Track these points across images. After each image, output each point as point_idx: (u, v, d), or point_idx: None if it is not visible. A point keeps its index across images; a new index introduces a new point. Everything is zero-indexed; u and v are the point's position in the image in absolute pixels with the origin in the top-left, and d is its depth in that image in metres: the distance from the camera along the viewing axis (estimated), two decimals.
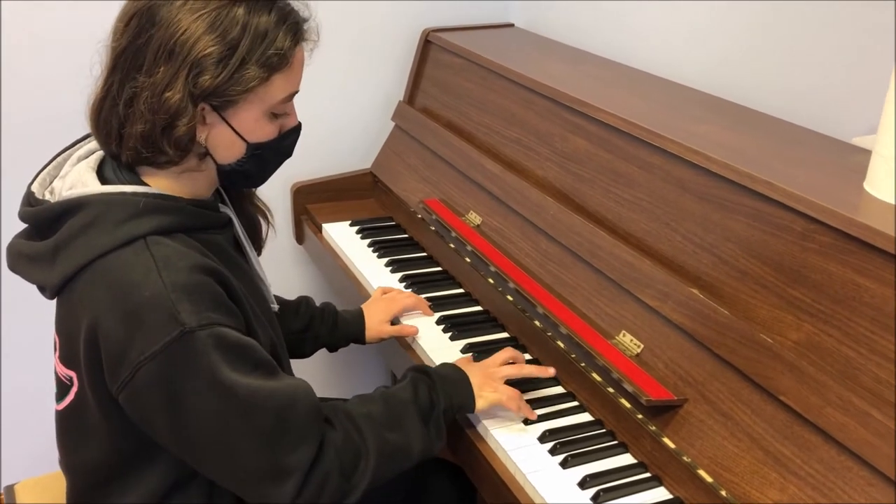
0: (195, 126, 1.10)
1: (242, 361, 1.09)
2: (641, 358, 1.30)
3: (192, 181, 1.17)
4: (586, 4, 2.08)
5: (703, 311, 1.24)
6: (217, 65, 1.07)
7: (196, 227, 1.16)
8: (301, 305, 1.57)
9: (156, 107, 1.07)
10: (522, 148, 1.76)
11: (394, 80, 2.24)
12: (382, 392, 1.24)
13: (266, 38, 1.10)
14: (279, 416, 1.09)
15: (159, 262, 1.07)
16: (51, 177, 1.21)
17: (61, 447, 1.26)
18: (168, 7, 1.07)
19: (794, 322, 1.15)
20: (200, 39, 1.06)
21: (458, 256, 1.74)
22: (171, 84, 1.07)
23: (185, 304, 1.05)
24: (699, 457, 1.17)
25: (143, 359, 1.04)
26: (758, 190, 1.22)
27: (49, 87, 1.93)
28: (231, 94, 1.10)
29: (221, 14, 1.07)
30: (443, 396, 1.25)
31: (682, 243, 1.35)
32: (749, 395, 1.15)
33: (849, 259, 1.10)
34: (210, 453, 1.10)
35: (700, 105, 1.62)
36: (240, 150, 1.16)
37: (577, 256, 1.49)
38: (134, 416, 1.10)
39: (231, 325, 1.09)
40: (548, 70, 1.82)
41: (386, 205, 2.11)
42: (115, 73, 1.11)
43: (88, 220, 1.09)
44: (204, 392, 1.06)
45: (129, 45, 1.09)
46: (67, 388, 1.18)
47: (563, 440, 1.28)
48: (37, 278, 1.16)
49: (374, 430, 1.17)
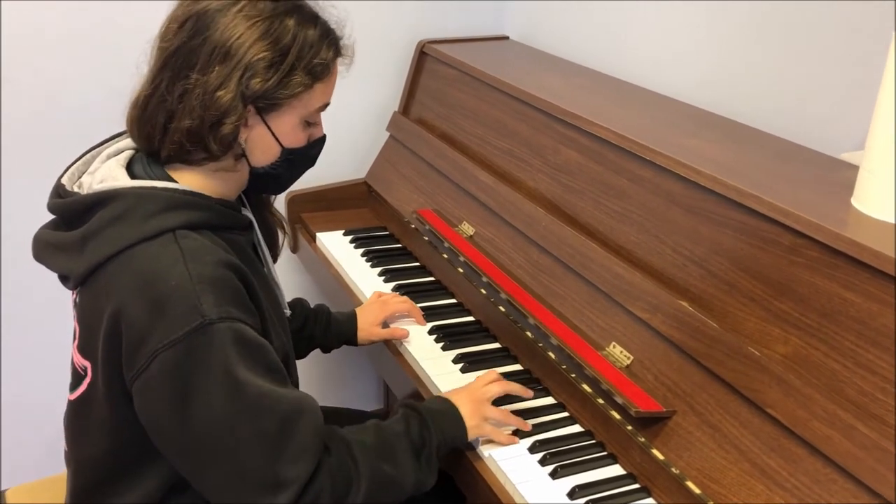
0: (240, 125, 1.15)
1: (256, 361, 1.10)
2: (631, 369, 1.32)
3: (222, 181, 1.21)
4: (581, 18, 2.10)
5: (692, 324, 1.25)
6: (268, 69, 1.14)
7: (222, 225, 1.18)
8: (296, 307, 1.59)
9: (207, 104, 1.12)
10: (515, 159, 1.77)
11: (389, 91, 2.26)
12: (375, 423, 1.24)
13: (312, 48, 1.18)
14: (284, 424, 1.10)
15: (186, 254, 1.09)
16: (79, 172, 1.23)
17: (67, 438, 1.27)
18: (224, 13, 1.14)
19: (782, 335, 1.16)
20: (255, 44, 1.13)
21: (451, 267, 1.75)
22: (224, 84, 1.12)
23: (208, 295, 1.07)
24: (687, 468, 1.18)
25: (161, 346, 1.06)
26: (746, 204, 1.24)
27: (49, 87, 1.94)
28: (277, 98, 1.16)
29: (274, 23, 1.15)
30: (435, 432, 1.25)
31: (672, 256, 1.36)
32: (737, 407, 1.16)
33: (835, 273, 1.12)
34: (210, 453, 1.10)
35: (691, 119, 1.64)
36: (274, 153, 1.22)
37: (569, 268, 1.50)
38: (142, 409, 1.11)
39: (249, 323, 1.11)
40: (541, 83, 1.83)
41: (380, 214, 2.12)
42: (165, 71, 1.15)
43: (119, 212, 1.12)
44: (216, 386, 1.07)
45: (183, 45, 1.14)
46: (81, 378, 1.20)
47: (552, 451, 1.29)
48: (62, 267, 1.17)
49: (368, 458, 1.18)
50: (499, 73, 1.89)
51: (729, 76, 1.70)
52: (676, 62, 1.82)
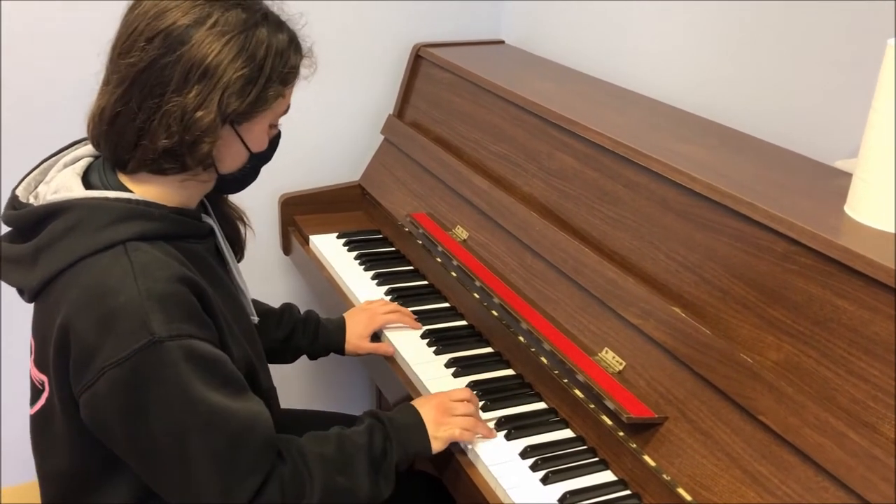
0: (217, 142, 1.14)
1: (211, 375, 1.09)
2: (623, 375, 1.31)
3: (188, 190, 1.20)
4: (577, 23, 2.10)
5: (685, 330, 1.25)
6: (246, 86, 1.13)
7: (177, 235, 1.17)
8: (284, 314, 1.58)
9: (188, 125, 1.10)
10: (510, 164, 1.77)
11: (384, 94, 2.25)
12: (338, 433, 1.24)
13: (283, 57, 1.17)
14: (235, 441, 1.09)
15: (136, 269, 1.08)
16: (36, 182, 1.21)
17: (34, 453, 1.26)
18: (197, 28, 1.10)
19: (774, 342, 1.16)
20: (233, 62, 1.11)
21: (445, 271, 1.74)
22: (204, 104, 1.10)
23: (157, 313, 1.06)
24: (679, 475, 1.17)
25: (108, 364, 1.05)
26: (740, 211, 1.24)
27: (49, 85, 1.93)
28: (254, 112, 1.16)
29: (249, 37, 1.13)
30: (397, 446, 1.25)
31: (666, 262, 1.36)
32: (729, 414, 1.16)
33: (828, 281, 1.12)
34: (160, 466, 1.10)
35: (686, 125, 1.64)
36: (243, 159, 1.22)
37: (562, 273, 1.50)
38: (92, 422, 1.10)
39: (203, 338, 1.10)
40: (536, 87, 1.83)
41: (374, 217, 2.12)
42: (135, 89, 1.11)
43: (70, 223, 1.11)
44: (167, 403, 1.06)
45: (153, 62, 1.10)
46: (39, 392, 1.19)
47: (544, 456, 1.28)
48: (17, 281, 1.16)
49: (323, 469, 1.17)
50: (494, 77, 1.89)
51: (724, 82, 1.70)
52: (672, 67, 1.82)
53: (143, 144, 1.13)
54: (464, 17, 2.29)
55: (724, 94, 1.70)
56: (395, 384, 1.55)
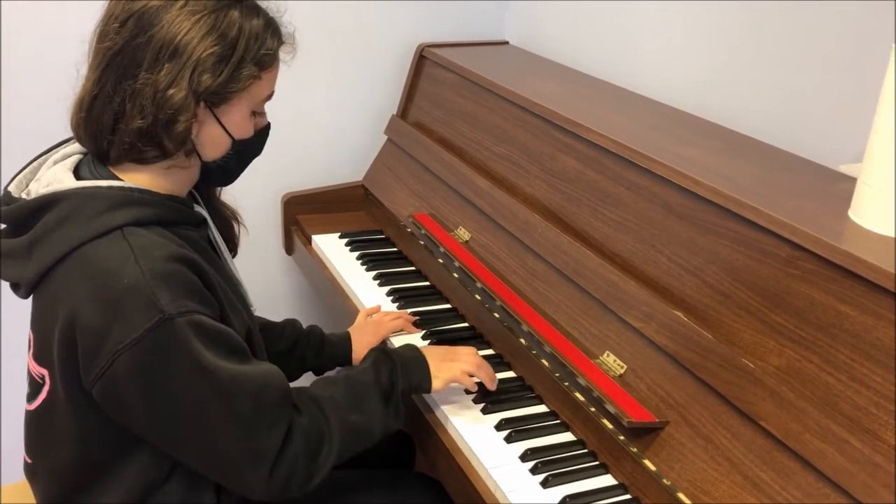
0: (193, 123, 1.14)
1: (220, 347, 1.11)
2: (624, 379, 1.31)
3: (172, 178, 1.20)
4: (581, 24, 2.10)
5: (687, 334, 1.24)
6: (218, 64, 1.13)
7: (172, 220, 1.18)
8: (287, 327, 1.57)
9: (160, 103, 1.11)
10: (513, 165, 1.76)
11: (388, 94, 2.25)
12: (346, 375, 1.28)
13: (258, 39, 1.17)
14: (256, 400, 1.12)
15: (136, 251, 1.09)
16: (27, 180, 1.22)
17: (31, 450, 1.26)
18: (167, 9, 1.12)
19: (776, 347, 1.16)
20: (203, 40, 1.12)
21: (446, 272, 1.74)
22: (175, 82, 1.11)
23: (163, 291, 1.07)
24: (679, 480, 1.17)
25: (121, 347, 1.06)
26: (744, 215, 1.23)
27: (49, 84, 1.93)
28: (228, 92, 1.15)
29: (220, 17, 1.14)
30: (402, 377, 1.30)
31: (668, 265, 1.35)
32: (730, 419, 1.15)
33: (831, 286, 1.11)
34: (189, 440, 1.12)
35: (690, 128, 1.63)
36: (225, 146, 1.22)
37: (563, 275, 1.49)
38: (109, 408, 1.11)
39: (206, 314, 1.11)
40: (540, 89, 1.83)
41: (376, 218, 2.12)
42: (110, 71, 1.13)
43: (64, 213, 1.11)
44: (185, 377, 1.08)
45: (127, 44, 1.12)
46: (40, 386, 1.19)
47: (544, 459, 1.28)
48: (12, 275, 1.16)
49: (337, 412, 1.21)
50: (498, 78, 1.88)
51: (728, 84, 1.70)
52: (676, 69, 1.82)
53: (119, 128, 1.13)
54: (468, 18, 2.29)
55: (729, 97, 1.69)
56: None
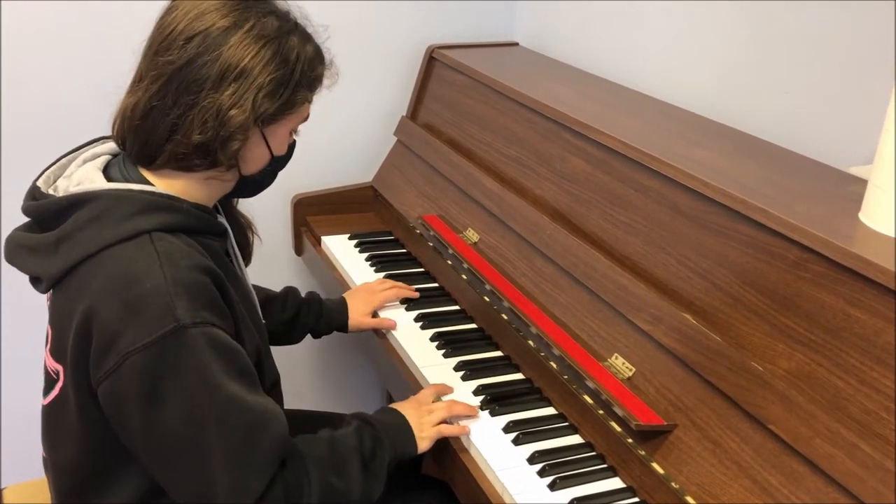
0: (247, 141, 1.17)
1: (230, 365, 1.11)
2: (633, 381, 1.30)
3: (209, 188, 1.22)
4: (591, 25, 2.09)
5: (695, 337, 1.24)
6: (278, 88, 1.17)
7: (197, 229, 1.19)
8: (288, 297, 1.64)
9: (222, 121, 1.14)
10: (522, 167, 1.76)
11: (397, 95, 2.25)
12: (330, 436, 1.26)
13: (311, 65, 1.22)
14: (250, 433, 1.11)
15: (162, 257, 1.10)
16: (55, 176, 1.23)
17: (44, 444, 1.27)
18: (234, 32, 1.15)
19: (786, 351, 1.15)
20: (268, 65, 1.16)
21: (455, 273, 1.74)
22: (239, 103, 1.14)
23: (183, 299, 1.08)
24: (687, 483, 1.16)
25: (132, 349, 1.06)
26: (753, 217, 1.22)
27: (49, 85, 1.94)
28: (283, 115, 1.20)
29: (283, 43, 1.18)
30: (387, 445, 1.28)
31: (677, 268, 1.35)
32: (738, 422, 1.15)
33: (841, 289, 1.10)
34: (176, 455, 1.11)
35: (699, 130, 1.63)
36: (265, 162, 1.26)
37: (572, 277, 1.49)
38: (109, 410, 1.11)
39: (222, 328, 1.12)
40: (550, 90, 1.82)
41: (385, 219, 2.12)
42: (171, 84, 1.15)
43: (95, 213, 1.13)
44: (189, 387, 1.08)
45: (191, 61, 1.14)
46: (54, 382, 1.20)
47: (552, 462, 1.28)
48: (35, 268, 1.17)
49: (319, 471, 1.20)
50: (507, 79, 1.88)
51: (738, 86, 1.69)
52: (686, 71, 1.81)
53: (175, 139, 1.15)
54: (478, 19, 2.29)
55: (738, 98, 1.69)
56: (403, 387, 1.54)
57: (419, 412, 1.35)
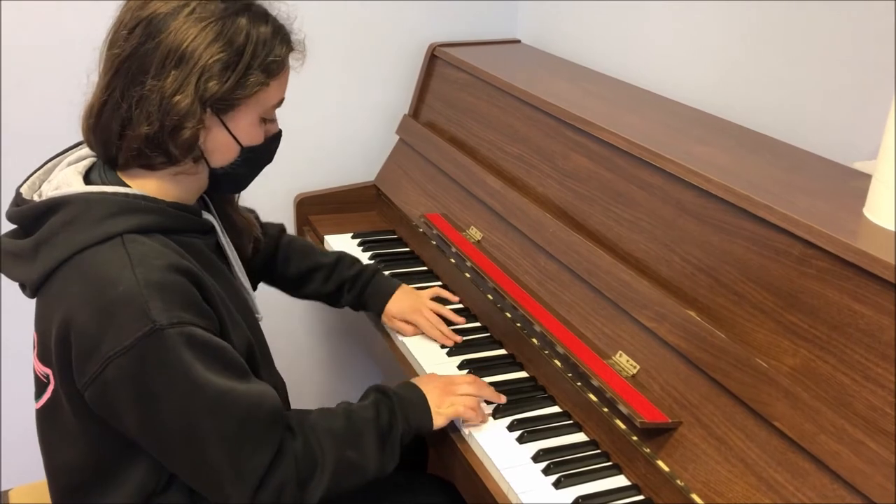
0: (200, 129, 1.14)
1: (213, 361, 1.10)
2: (637, 379, 1.30)
3: (181, 184, 1.20)
4: (593, 22, 2.09)
5: (700, 334, 1.23)
6: (224, 70, 1.13)
7: (175, 228, 1.18)
8: (335, 269, 1.64)
9: (166, 109, 1.11)
10: (524, 165, 1.76)
11: (399, 94, 2.25)
12: (345, 408, 1.26)
13: (266, 46, 1.17)
14: (244, 419, 1.11)
15: (134, 259, 1.09)
16: (40, 181, 1.23)
17: (41, 448, 1.27)
18: (175, 16, 1.12)
19: (791, 347, 1.15)
20: (210, 46, 1.12)
21: (458, 271, 1.74)
22: (181, 88, 1.11)
23: (156, 301, 1.07)
24: (692, 481, 1.16)
25: (112, 354, 1.06)
26: (756, 213, 1.22)
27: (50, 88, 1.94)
28: (235, 99, 1.15)
29: (227, 24, 1.14)
30: (402, 419, 1.27)
31: (681, 265, 1.34)
32: (743, 419, 1.14)
33: (846, 285, 1.10)
34: (176, 451, 1.12)
35: (702, 126, 1.62)
36: (233, 153, 1.21)
37: (576, 275, 1.48)
38: (102, 412, 1.11)
39: (202, 326, 1.11)
40: (552, 88, 1.82)
41: (388, 218, 2.12)
42: (118, 78, 1.14)
43: (69, 217, 1.12)
44: (173, 389, 1.07)
45: (135, 51, 1.12)
46: (45, 385, 1.20)
47: (556, 460, 1.27)
48: (18, 275, 1.18)
49: (334, 444, 1.19)
50: (509, 77, 1.87)
51: (742, 82, 1.68)
52: (688, 67, 1.81)
53: (127, 134, 1.14)
54: (479, 16, 2.28)
55: (742, 94, 1.68)
56: None
57: (443, 389, 1.33)
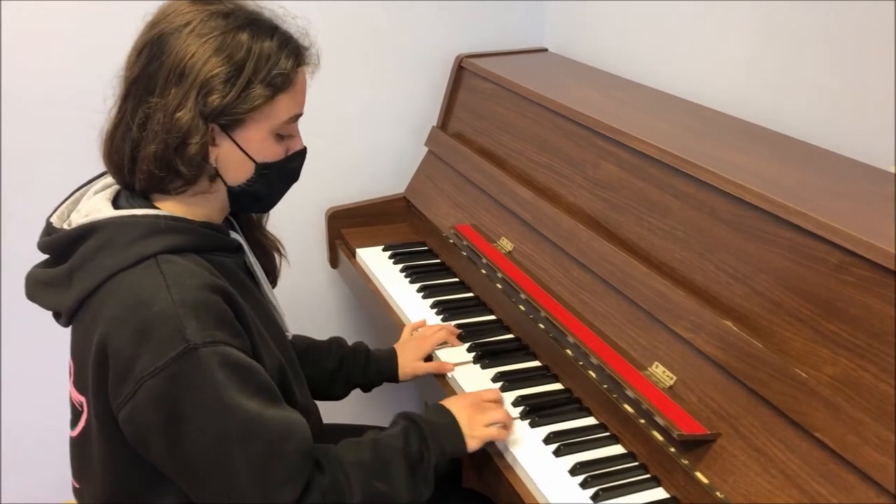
0: (207, 145, 1.15)
1: (245, 383, 1.10)
2: (674, 390, 1.29)
3: (203, 204, 1.21)
4: (621, 29, 2.08)
5: (737, 344, 1.22)
6: (224, 84, 1.13)
7: (206, 247, 1.18)
8: (333, 345, 1.57)
9: (168, 126, 1.12)
10: (555, 174, 1.75)
11: (428, 106, 2.25)
12: (373, 438, 1.23)
13: (269, 60, 1.16)
14: (273, 448, 1.09)
15: (169, 279, 1.09)
16: (69, 210, 1.24)
17: (76, 476, 1.27)
18: (177, 35, 1.14)
19: (830, 356, 1.13)
20: (209, 61, 1.12)
21: (490, 283, 1.73)
22: (182, 104, 1.12)
23: (191, 320, 1.07)
24: (732, 493, 1.14)
25: (147, 374, 1.06)
26: (793, 221, 1.20)
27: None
28: (238, 113, 1.15)
29: (227, 38, 1.14)
30: (434, 447, 1.24)
31: (716, 274, 1.33)
32: (783, 430, 1.13)
33: (886, 292, 1.08)
34: (202, 476, 1.10)
35: (735, 132, 1.61)
36: (248, 170, 1.21)
37: (609, 285, 1.47)
38: (131, 437, 1.11)
39: (235, 346, 1.11)
40: (581, 96, 1.81)
41: (419, 230, 2.12)
42: (129, 101, 1.16)
43: (101, 242, 1.13)
44: (205, 409, 1.07)
45: (142, 72, 1.15)
46: (79, 414, 1.20)
47: (594, 473, 1.26)
48: (52, 303, 1.19)
49: (362, 477, 1.17)
50: (537, 86, 1.87)
51: (773, 86, 1.66)
52: (718, 72, 1.79)
53: (137, 156, 1.15)
54: (506, 26, 2.28)
55: (775, 99, 1.66)
56: (440, 398, 1.53)
57: (472, 410, 1.30)
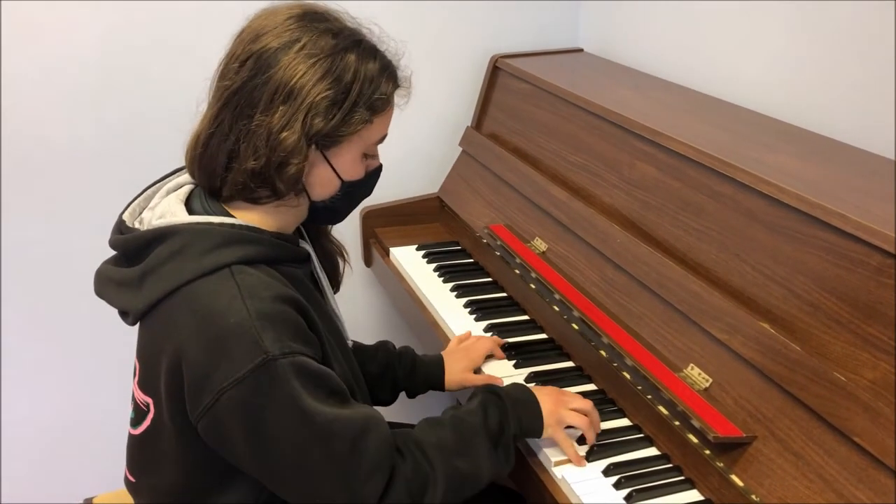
0: (305, 165, 1.15)
1: (320, 389, 1.11)
2: (710, 392, 1.28)
3: (282, 216, 1.22)
4: (657, 29, 2.06)
5: (774, 347, 1.21)
6: (331, 108, 1.14)
7: (278, 259, 1.19)
8: (379, 350, 1.57)
9: (273, 145, 1.13)
10: (590, 175, 1.75)
11: (462, 106, 2.26)
12: (452, 416, 1.24)
13: (373, 83, 1.17)
14: (354, 445, 1.11)
15: (244, 291, 1.10)
16: (140, 208, 1.26)
17: (133, 470, 1.29)
18: (286, 51, 1.13)
19: (870, 360, 1.11)
20: (318, 84, 1.13)
21: (523, 283, 1.73)
22: (289, 125, 1.12)
23: (268, 331, 1.08)
24: (768, 497, 1.14)
25: (226, 385, 1.07)
26: (831, 222, 1.19)
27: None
28: (339, 136, 1.16)
29: (336, 60, 1.14)
30: (513, 420, 1.25)
31: (753, 275, 1.32)
32: (821, 434, 1.12)
33: None
34: (289, 480, 1.12)
35: (772, 133, 1.59)
36: (334, 187, 1.22)
37: (645, 286, 1.47)
38: (213, 442, 1.13)
39: (309, 355, 1.12)
40: (616, 96, 1.81)
41: (452, 229, 2.12)
42: (227, 110, 1.15)
43: (176, 247, 1.14)
44: (285, 419, 1.08)
45: (244, 84, 1.14)
46: (144, 413, 1.21)
47: (627, 474, 1.26)
48: (122, 303, 1.20)
49: (443, 458, 1.18)
50: (573, 87, 1.87)
51: (811, 86, 1.65)
52: (755, 72, 1.77)
53: (233, 167, 1.16)
54: (541, 26, 2.28)
55: (813, 99, 1.64)
56: None
57: (556, 399, 1.30)
